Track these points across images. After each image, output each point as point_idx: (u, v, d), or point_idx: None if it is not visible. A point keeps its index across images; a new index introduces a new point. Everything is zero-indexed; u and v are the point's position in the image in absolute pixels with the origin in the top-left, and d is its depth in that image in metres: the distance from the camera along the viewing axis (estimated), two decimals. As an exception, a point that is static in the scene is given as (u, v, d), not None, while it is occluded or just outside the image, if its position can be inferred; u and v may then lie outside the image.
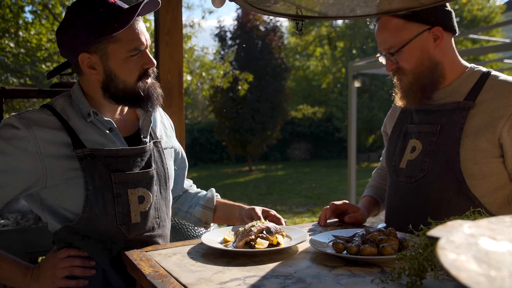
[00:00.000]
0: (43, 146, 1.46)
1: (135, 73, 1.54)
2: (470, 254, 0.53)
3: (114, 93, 1.54)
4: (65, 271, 1.51)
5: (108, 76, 1.52)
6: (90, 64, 1.51)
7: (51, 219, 1.54)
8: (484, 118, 1.59)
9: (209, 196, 1.93)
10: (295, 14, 1.45)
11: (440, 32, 1.67)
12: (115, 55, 1.50)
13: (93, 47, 1.48)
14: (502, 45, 6.73)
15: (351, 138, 8.03)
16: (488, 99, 1.61)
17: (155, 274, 1.26)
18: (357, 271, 1.25)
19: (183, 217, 1.96)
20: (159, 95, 1.61)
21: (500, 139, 1.56)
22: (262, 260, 1.37)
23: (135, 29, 1.51)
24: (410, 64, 1.69)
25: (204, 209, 1.90)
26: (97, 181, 1.48)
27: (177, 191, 1.94)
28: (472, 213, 1.09)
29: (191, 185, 2.03)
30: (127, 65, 1.52)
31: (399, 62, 1.70)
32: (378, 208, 2.03)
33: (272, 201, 10.36)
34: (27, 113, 1.50)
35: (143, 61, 1.55)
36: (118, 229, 1.52)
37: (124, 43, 1.49)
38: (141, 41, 1.52)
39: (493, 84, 1.64)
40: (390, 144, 1.90)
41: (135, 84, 1.54)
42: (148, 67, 1.56)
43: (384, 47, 1.72)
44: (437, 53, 1.69)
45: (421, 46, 1.67)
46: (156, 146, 1.67)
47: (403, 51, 1.68)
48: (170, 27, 3.16)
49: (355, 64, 8.08)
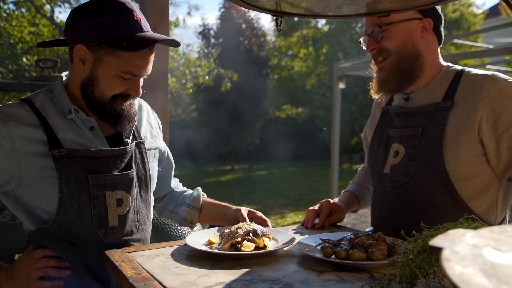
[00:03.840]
0: (18, 143, 1.40)
1: (116, 90, 1.48)
2: (477, 267, 0.50)
3: (87, 96, 1.49)
4: (39, 271, 1.46)
5: (90, 79, 1.47)
6: (82, 57, 1.45)
7: (25, 219, 1.49)
8: (462, 115, 1.58)
9: (195, 196, 1.89)
10: (275, 9, 1.41)
11: (429, 25, 1.67)
12: (108, 67, 1.44)
13: (93, 46, 1.43)
14: (485, 51, 6.82)
15: (334, 139, 8.05)
16: (463, 95, 1.61)
17: (137, 277, 1.22)
18: (346, 276, 1.23)
19: (168, 216, 1.92)
20: (132, 115, 1.55)
21: (480, 133, 1.55)
22: (248, 264, 1.34)
23: (141, 57, 1.46)
24: (394, 44, 1.67)
25: (189, 208, 1.86)
26: (72, 183, 1.43)
27: (164, 191, 1.89)
28: (466, 219, 1.07)
29: (178, 184, 1.98)
30: (112, 81, 1.46)
31: (383, 40, 1.68)
32: (358, 204, 2.04)
33: (254, 201, 10.33)
34: (3, 108, 1.44)
35: (131, 86, 1.49)
36: (94, 232, 1.47)
37: (123, 62, 1.43)
38: (140, 70, 1.47)
39: (467, 79, 1.64)
40: (372, 150, 1.89)
41: (109, 100, 1.49)
42: (132, 94, 1.51)
43: (373, 22, 1.69)
44: (421, 44, 1.68)
45: (408, 30, 1.66)
46: (139, 147, 1.62)
47: (389, 29, 1.66)
48: (155, 23, 3.10)
49: (340, 66, 8.10)
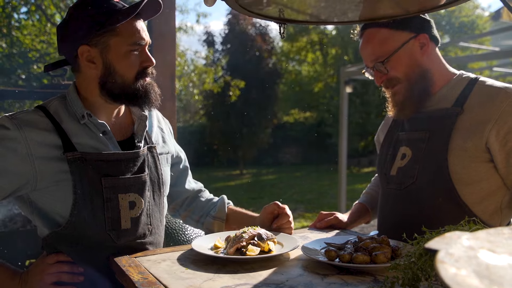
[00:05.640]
0: (33, 147, 1.43)
1: (134, 69, 1.53)
2: (470, 268, 0.51)
3: (111, 89, 1.53)
4: (53, 277, 1.48)
5: (107, 69, 1.51)
6: (89, 57, 1.50)
7: (40, 223, 1.52)
8: (472, 123, 1.59)
9: (220, 206, 1.90)
10: (278, 17, 1.43)
11: (426, 39, 1.69)
12: (116, 48, 1.50)
13: (94, 40, 1.48)
14: (492, 53, 6.79)
15: (342, 143, 8.03)
16: (475, 104, 1.61)
17: (144, 281, 1.24)
18: (350, 279, 1.24)
19: (194, 225, 1.94)
20: (157, 95, 1.60)
21: (488, 143, 1.56)
22: (253, 268, 1.35)
23: (137, 25, 1.53)
24: (401, 72, 1.69)
25: (215, 220, 1.87)
26: (86, 185, 1.45)
27: (181, 194, 1.91)
28: (467, 222, 1.07)
29: (202, 189, 1.99)
30: (126, 60, 1.51)
31: (389, 72, 1.70)
32: (369, 216, 2.04)
33: (262, 205, 10.15)
34: (19, 114, 1.48)
35: (142, 58, 1.55)
36: (107, 234, 1.49)
37: (125, 37, 1.50)
38: (142, 36, 1.53)
39: (480, 89, 1.64)
40: (382, 152, 1.91)
41: (133, 81, 1.54)
42: (147, 65, 1.56)
43: (372, 58, 1.72)
44: (425, 60, 1.69)
45: (409, 53, 1.68)
46: (151, 151, 1.64)
47: (391, 60, 1.68)
48: (162, 30, 3.14)
49: (347, 70, 8.09)
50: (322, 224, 1.87)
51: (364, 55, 1.75)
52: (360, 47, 1.77)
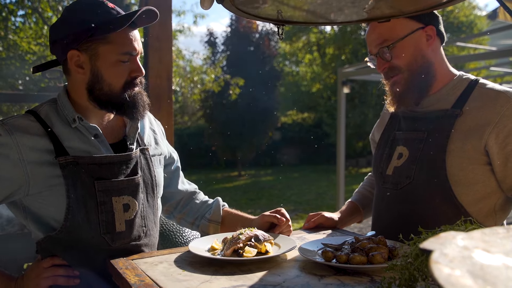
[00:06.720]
0: (25, 152, 1.43)
1: (122, 78, 1.52)
2: (465, 268, 0.51)
3: (98, 97, 1.52)
4: (48, 280, 1.48)
5: (95, 77, 1.50)
6: (78, 62, 1.49)
7: (34, 228, 1.51)
8: (471, 126, 1.59)
9: (215, 209, 1.89)
10: (276, 18, 1.43)
11: (433, 31, 1.68)
12: (105, 56, 1.48)
13: (84, 45, 1.47)
14: (489, 53, 6.80)
15: (340, 144, 8.04)
16: (475, 106, 1.61)
17: (140, 284, 1.24)
18: (347, 280, 1.24)
19: (189, 228, 1.93)
20: (146, 104, 1.58)
21: (486, 146, 1.56)
22: (250, 269, 1.35)
23: (129, 35, 1.51)
24: (404, 61, 1.68)
25: (210, 223, 1.86)
26: (79, 189, 1.45)
27: (174, 195, 1.90)
28: (463, 222, 1.07)
29: (197, 191, 1.97)
30: (115, 69, 1.50)
31: (392, 59, 1.69)
32: (361, 215, 2.04)
33: (261, 206, 10.31)
34: (9, 119, 1.47)
35: (132, 68, 1.53)
36: (102, 238, 1.48)
37: (116, 46, 1.48)
38: (133, 46, 1.51)
39: (480, 92, 1.64)
40: (378, 151, 1.90)
41: (120, 90, 1.52)
42: (136, 76, 1.54)
43: (378, 42, 1.70)
44: (429, 53, 1.69)
45: (414, 43, 1.67)
46: (143, 153, 1.64)
47: (396, 47, 1.67)
48: (159, 32, 3.14)
49: (344, 70, 8.10)
50: (310, 224, 1.88)
51: (370, 39, 1.73)
52: (366, 33, 1.76)
